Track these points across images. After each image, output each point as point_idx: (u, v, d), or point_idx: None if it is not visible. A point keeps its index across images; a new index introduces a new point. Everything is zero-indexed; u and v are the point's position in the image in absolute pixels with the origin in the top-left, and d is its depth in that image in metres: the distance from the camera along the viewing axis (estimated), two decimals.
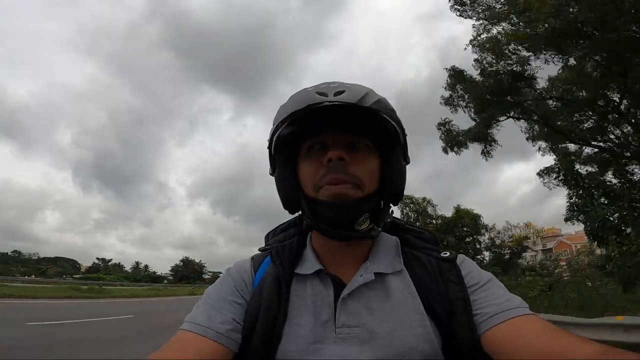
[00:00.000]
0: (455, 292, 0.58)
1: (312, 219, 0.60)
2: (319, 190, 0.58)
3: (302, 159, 0.62)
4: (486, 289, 0.58)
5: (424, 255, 0.64)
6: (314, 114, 0.56)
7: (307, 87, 0.61)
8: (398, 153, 0.63)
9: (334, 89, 0.57)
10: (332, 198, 0.57)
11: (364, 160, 0.60)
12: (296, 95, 0.60)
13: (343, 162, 0.57)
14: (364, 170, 0.59)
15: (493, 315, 0.54)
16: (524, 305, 0.55)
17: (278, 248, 0.66)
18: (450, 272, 0.60)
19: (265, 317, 0.58)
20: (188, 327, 0.56)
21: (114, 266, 75.99)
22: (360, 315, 0.57)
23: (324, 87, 0.59)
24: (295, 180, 0.63)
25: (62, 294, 17.97)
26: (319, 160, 0.59)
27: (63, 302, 15.78)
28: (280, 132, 0.59)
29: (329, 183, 0.57)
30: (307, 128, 0.59)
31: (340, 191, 0.57)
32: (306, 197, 0.61)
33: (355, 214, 0.58)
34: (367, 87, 0.60)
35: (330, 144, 0.59)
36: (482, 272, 0.62)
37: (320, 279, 0.61)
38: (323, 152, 0.59)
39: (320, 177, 0.58)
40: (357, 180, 0.58)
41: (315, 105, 0.55)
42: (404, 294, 0.59)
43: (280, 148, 0.61)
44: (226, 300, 0.60)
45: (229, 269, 0.67)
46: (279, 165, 0.64)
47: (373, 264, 0.62)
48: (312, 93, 0.57)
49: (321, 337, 0.56)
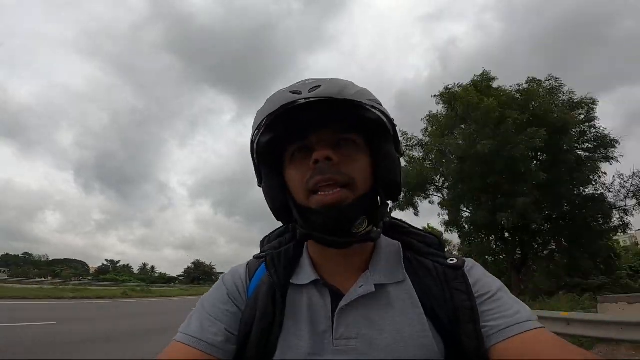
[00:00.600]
0: (462, 300, 0.55)
1: (306, 228, 0.56)
2: (310, 196, 0.55)
3: (288, 165, 0.58)
4: (496, 300, 0.55)
5: (430, 262, 0.60)
6: (292, 114, 0.53)
7: (282, 88, 0.57)
8: (389, 145, 0.59)
9: (309, 85, 0.54)
10: (324, 206, 0.53)
11: (354, 157, 0.56)
12: (270, 97, 0.56)
13: (331, 162, 0.54)
14: (355, 169, 0.55)
15: (503, 328, 0.51)
16: (534, 317, 0.53)
17: (273, 255, 0.62)
18: (457, 280, 0.57)
19: (260, 327, 0.56)
20: (181, 338, 0.56)
21: (122, 267, 76.80)
22: (359, 326, 0.55)
23: (298, 85, 0.55)
24: (283, 189, 0.59)
25: (122, 294, 21.19)
26: (305, 164, 0.56)
27: (140, 300, 19.00)
28: (259, 138, 0.56)
29: (318, 188, 0.53)
30: (287, 131, 0.55)
31: (333, 199, 0.52)
32: (297, 205, 0.57)
33: (352, 218, 0.54)
34: (346, 80, 0.56)
35: (314, 145, 0.56)
36: (491, 280, 0.58)
37: (317, 289, 0.59)
38: (309, 155, 0.56)
39: (307, 180, 0.54)
40: (349, 179, 0.54)
41: (289, 104, 0.52)
42: (406, 304, 0.56)
43: (263, 156, 0.58)
44: (220, 310, 0.59)
45: (224, 276, 0.66)
46: (265, 175, 0.60)
47: (373, 274, 0.59)
48: (285, 93, 0.54)
49: (318, 348, 0.54)
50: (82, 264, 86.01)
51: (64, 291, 19.10)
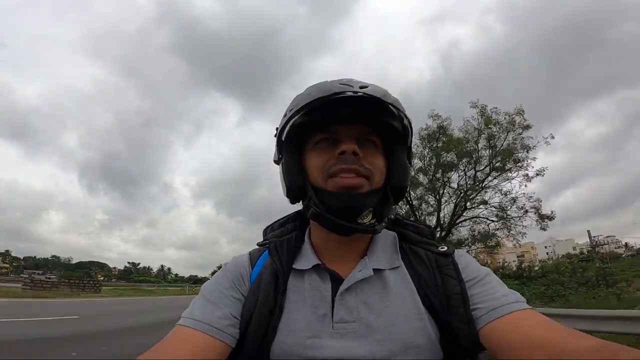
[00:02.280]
0: (453, 285, 0.57)
1: (320, 208, 0.58)
2: (328, 179, 0.58)
3: (310, 150, 0.62)
4: (484, 284, 0.58)
5: (422, 250, 0.64)
6: (332, 104, 0.56)
7: (324, 81, 0.60)
8: (404, 153, 0.64)
9: (358, 82, 0.57)
10: (342, 189, 0.56)
11: (374, 157, 0.60)
12: (317, 85, 0.59)
13: (357, 157, 0.57)
14: (375, 166, 0.59)
15: (491, 309, 0.53)
16: (522, 299, 0.55)
17: (276, 243, 0.66)
18: (448, 266, 0.60)
19: (261, 311, 0.58)
20: (185, 322, 0.56)
21: (143, 269, 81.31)
22: (358, 310, 0.57)
23: (346, 80, 0.58)
24: (301, 169, 0.62)
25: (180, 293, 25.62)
26: (329, 153, 0.59)
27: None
28: (295, 119, 0.59)
29: (340, 174, 0.57)
30: (321, 118, 0.58)
31: (351, 182, 0.56)
32: (313, 186, 0.60)
33: (362, 207, 0.57)
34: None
35: (341, 138, 0.59)
36: (479, 267, 0.61)
37: (318, 273, 0.61)
38: (333, 146, 0.59)
39: (330, 166, 0.58)
40: (369, 173, 0.58)
41: (342, 94, 0.55)
42: (402, 289, 0.59)
43: (291, 136, 0.61)
44: (224, 295, 0.60)
45: (227, 264, 0.67)
46: (287, 153, 0.63)
47: (371, 260, 0.62)
48: (335, 83, 0.57)
49: (318, 331, 0.56)
50: (104, 266, 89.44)
51: (152, 292, 24.64)
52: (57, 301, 14.03)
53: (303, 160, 0.63)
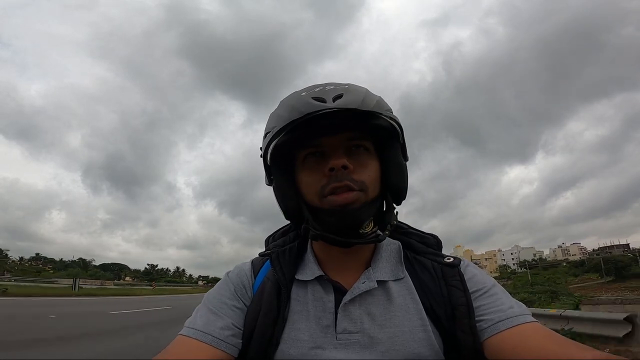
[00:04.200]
0: (458, 297, 0.56)
1: (319, 229, 0.58)
2: (322, 199, 0.56)
3: (300, 167, 0.60)
4: (490, 295, 0.56)
5: (428, 260, 0.62)
6: (311, 121, 0.54)
7: (300, 91, 0.58)
8: (398, 151, 0.61)
9: (331, 93, 0.55)
10: (338, 207, 0.55)
11: (365, 164, 0.58)
12: (290, 101, 0.57)
13: (347, 170, 0.55)
14: (367, 175, 0.58)
15: (497, 322, 0.52)
16: (528, 312, 0.53)
17: (278, 252, 0.65)
18: (454, 277, 0.59)
19: (264, 322, 0.57)
20: (187, 332, 0.56)
21: (160, 271, 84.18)
22: (362, 321, 0.56)
23: (319, 90, 0.56)
24: (295, 190, 0.61)
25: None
26: (319, 169, 0.57)
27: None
28: (277, 141, 0.57)
29: (333, 192, 0.55)
30: (303, 135, 0.56)
31: (345, 200, 0.55)
32: (309, 206, 0.59)
33: (361, 220, 0.56)
34: (363, 87, 0.58)
35: (329, 151, 0.57)
36: (485, 277, 0.60)
37: (321, 284, 0.61)
38: (322, 160, 0.57)
39: (323, 186, 0.56)
40: (363, 185, 0.56)
41: (315, 113, 0.53)
42: (406, 299, 0.58)
43: (276, 157, 0.60)
44: (226, 305, 0.60)
45: (229, 273, 0.67)
46: (277, 175, 0.61)
47: (375, 271, 0.61)
48: (307, 99, 0.54)
49: (322, 342, 0.55)
50: (124, 267, 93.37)
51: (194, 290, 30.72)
52: (156, 296, 20.67)
53: (295, 178, 0.61)
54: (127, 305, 14.43)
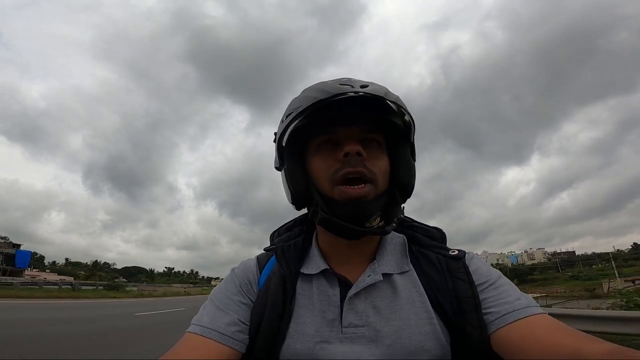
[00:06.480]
0: (464, 289, 0.56)
1: (327, 213, 0.57)
2: (334, 187, 0.57)
3: (313, 153, 0.60)
4: (496, 287, 0.56)
5: (433, 254, 0.62)
6: (333, 105, 0.54)
7: (325, 80, 0.59)
8: (407, 150, 0.62)
9: (358, 82, 0.56)
10: (348, 199, 0.55)
11: (377, 157, 0.59)
12: (317, 85, 0.58)
13: (361, 157, 0.56)
14: (379, 168, 0.58)
15: (505, 314, 0.52)
16: (535, 304, 0.53)
17: (283, 247, 0.65)
18: (459, 270, 0.58)
19: (270, 316, 0.58)
20: (194, 329, 0.56)
21: (176, 273, 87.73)
22: (367, 314, 0.56)
23: (345, 80, 0.57)
24: (306, 175, 0.61)
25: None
26: (333, 156, 0.58)
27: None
28: (297, 123, 0.58)
29: (345, 180, 0.56)
30: (322, 120, 0.57)
31: (358, 193, 0.55)
32: (320, 192, 0.59)
33: (370, 214, 0.56)
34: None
35: (343, 140, 0.58)
36: (491, 270, 0.59)
37: (327, 278, 0.61)
38: (336, 148, 0.58)
39: (336, 169, 0.56)
40: (374, 177, 0.57)
41: (344, 95, 0.54)
42: (412, 293, 0.58)
43: (292, 141, 0.60)
44: (232, 301, 0.60)
45: (234, 269, 0.67)
46: (289, 158, 0.61)
47: (380, 264, 0.61)
48: (335, 84, 0.56)
49: (327, 336, 0.56)
50: (144, 269, 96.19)
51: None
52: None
53: (306, 164, 0.61)
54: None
